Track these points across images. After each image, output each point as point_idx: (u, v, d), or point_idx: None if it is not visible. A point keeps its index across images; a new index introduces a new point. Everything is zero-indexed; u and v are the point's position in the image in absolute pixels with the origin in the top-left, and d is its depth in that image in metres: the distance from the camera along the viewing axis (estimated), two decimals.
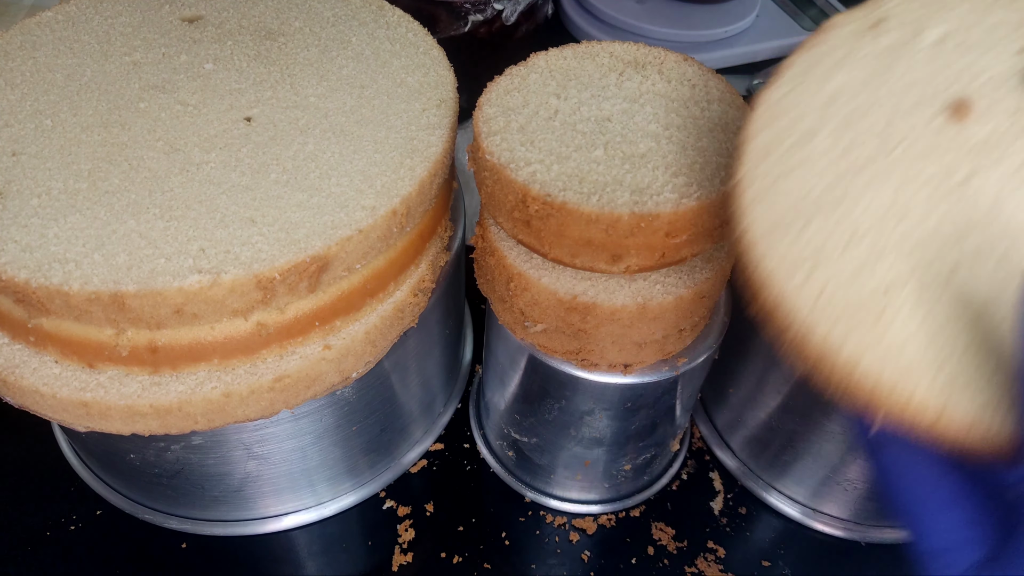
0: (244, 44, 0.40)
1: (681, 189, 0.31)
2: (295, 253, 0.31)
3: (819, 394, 0.41)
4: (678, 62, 0.37)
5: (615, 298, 0.34)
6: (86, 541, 0.44)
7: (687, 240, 0.32)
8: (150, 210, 0.32)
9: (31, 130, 0.35)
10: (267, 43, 0.40)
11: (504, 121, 0.34)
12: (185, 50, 0.39)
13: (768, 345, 0.43)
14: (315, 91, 0.38)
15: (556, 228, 0.32)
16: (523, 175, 0.32)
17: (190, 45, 0.40)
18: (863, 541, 0.47)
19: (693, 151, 0.33)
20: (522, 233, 0.33)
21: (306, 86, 0.38)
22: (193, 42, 0.40)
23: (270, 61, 0.39)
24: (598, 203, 0.31)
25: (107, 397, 0.32)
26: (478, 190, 0.35)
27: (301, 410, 0.38)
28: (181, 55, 0.39)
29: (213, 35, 0.40)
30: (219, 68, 0.38)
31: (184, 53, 0.39)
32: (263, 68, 0.39)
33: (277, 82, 0.38)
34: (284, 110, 0.37)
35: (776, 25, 0.84)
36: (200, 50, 0.39)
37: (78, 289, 0.29)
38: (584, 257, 0.32)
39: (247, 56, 0.39)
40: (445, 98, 0.39)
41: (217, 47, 0.40)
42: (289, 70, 0.39)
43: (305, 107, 0.37)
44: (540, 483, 0.48)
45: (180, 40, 0.40)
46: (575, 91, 0.36)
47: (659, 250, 0.32)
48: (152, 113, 0.36)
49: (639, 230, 0.31)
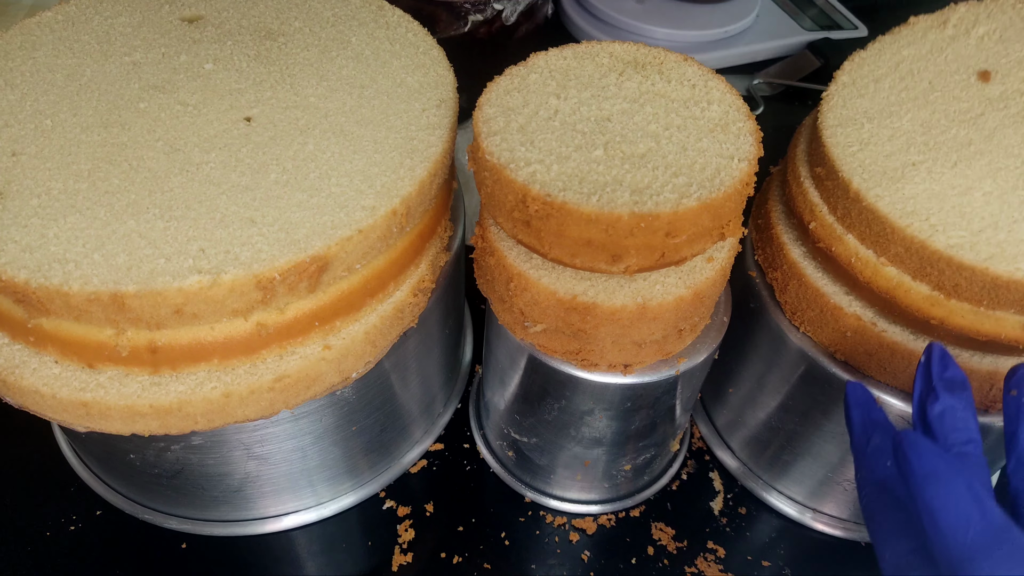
0: (244, 44, 0.40)
1: (681, 189, 0.31)
2: (295, 253, 0.31)
3: (818, 394, 0.41)
4: (678, 62, 0.37)
5: (615, 298, 0.34)
6: (86, 541, 0.44)
7: (687, 240, 0.32)
8: (150, 210, 0.32)
9: (31, 130, 0.34)
10: (267, 43, 0.40)
11: (504, 121, 0.34)
12: (185, 50, 0.39)
13: (768, 345, 0.43)
14: (315, 91, 0.38)
15: (556, 228, 0.32)
16: (523, 175, 0.32)
17: (190, 45, 0.40)
18: (863, 541, 0.47)
19: (693, 151, 0.33)
20: (522, 233, 0.33)
21: (306, 86, 0.38)
22: (193, 42, 0.40)
23: (270, 61, 0.39)
24: (598, 203, 0.31)
25: (107, 397, 0.32)
26: (478, 190, 0.35)
27: (301, 410, 0.38)
28: (181, 55, 0.39)
29: (213, 35, 0.40)
30: (219, 68, 0.38)
31: (184, 53, 0.39)
32: (263, 68, 0.39)
33: (277, 82, 0.38)
34: (284, 110, 0.37)
35: (776, 25, 0.84)
36: (200, 50, 0.39)
37: (78, 289, 0.29)
38: (584, 257, 0.32)
39: (247, 56, 0.39)
40: (445, 98, 0.39)
41: (217, 47, 0.40)
42: (289, 70, 0.39)
43: (305, 107, 0.37)
44: (540, 483, 0.48)
45: (180, 40, 0.40)
46: (575, 91, 0.35)
47: (659, 250, 0.32)
48: (152, 113, 0.36)
49: (639, 230, 0.31)
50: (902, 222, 0.34)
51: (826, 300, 0.39)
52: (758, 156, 0.33)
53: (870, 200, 0.34)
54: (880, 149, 0.37)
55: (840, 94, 0.39)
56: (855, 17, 0.85)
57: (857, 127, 0.37)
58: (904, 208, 0.34)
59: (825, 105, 0.39)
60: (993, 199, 0.34)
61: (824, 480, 0.45)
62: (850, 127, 0.38)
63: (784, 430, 0.45)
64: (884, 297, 0.36)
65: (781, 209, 0.43)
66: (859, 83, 0.39)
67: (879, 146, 0.37)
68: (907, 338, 0.37)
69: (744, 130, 0.34)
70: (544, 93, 0.35)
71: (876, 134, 0.37)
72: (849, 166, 0.36)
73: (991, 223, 0.33)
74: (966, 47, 0.39)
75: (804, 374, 0.42)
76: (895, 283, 0.35)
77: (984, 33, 0.39)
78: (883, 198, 0.34)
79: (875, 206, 0.34)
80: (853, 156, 0.36)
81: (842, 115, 0.38)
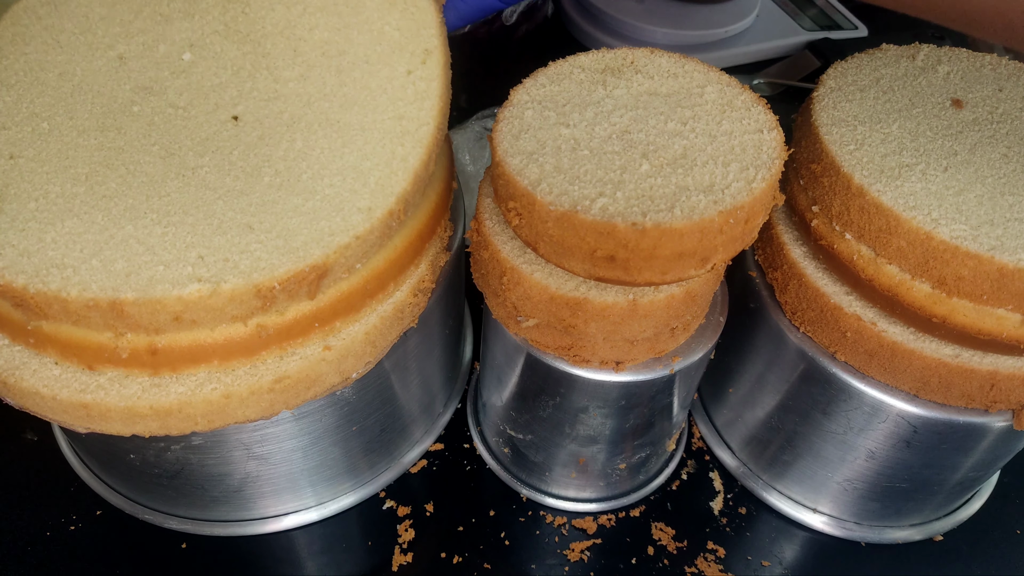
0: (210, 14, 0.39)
1: (743, 175, 0.32)
2: (294, 262, 0.30)
3: (818, 394, 0.41)
4: (648, 56, 0.37)
5: (605, 295, 0.34)
6: (86, 541, 0.44)
7: (759, 222, 0.33)
8: (147, 215, 0.32)
9: (28, 133, 0.34)
10: (232, 7, 0.39)
11: (538, 168, 0.32)
12: (161, 36, 0.38)
13: (768, 345, 0.43)
14: (293, 73, 0.37)
15: (647, 252, 0.31)
16: (596, 213, 0.30)
17: (164, 27, 0.38)
18: (863, 541, 0.47)
19: (723, 136, 0.33)
20: (604, 270, 0.32)
21: (283, 68, 0.37)
22: (165, 20, 0.38)
23: (241, 37, 0.38)
24: (684, 215, 0.30)
25: (107, 399, 0.32)
26: (533, 247, 0.34)
27: (301, 410, 0.38)
28: (159, 44, 0.38)
29: (181, 7, 0.39)
30: (196, 57, 0.37)
31: (161, 41, 0.38)
32: (236, 49, 0.38)
33: (254, 67, 0.37)
34: (267, 103, 0.36)
35: (776, 25, 0.84)
36: (174, 33, 0.38)
37: (76, 296, 0.29)
38: (675, 270, 0.32)
39: (217, 33, 0.38)
40: (431, 48, 0.37)
41: (187, 25, 0.38)
42: (262, 47, 0.38)
43: (287, 96, 0.36)
44: (536, 480, 0.48)
45: (154, 21, 0.38)
46: (576, 115, 0.35)
47: (740, 240, 0.32)
48: (145, 116, 0.36)
49: (728, 227, 0.31)
50: (907, 214, 0.34)
51: (826, 300, 0.39)
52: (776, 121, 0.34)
53: (873, 195, 0.35)
54: (876, 150, 0.37)
55: (829, 96, 0.40)
56: (855, 17, 0.85)
57: (851, 128, 0.38)
58: (906, 203, 0.35)
59: (817, 105, 0.39)
60: (985, 201, 0.35)
61: (824, 480, 0.45)
62: (844, 127, 0.38)
63: (784, 430, 0.45)
64: (886, 295, 0.36)
65: (781, 208, 0.43)
66: (845, 89, 0.41)
67: (874, 147, 0.37)
68: (908, 338, 0.37)
69: (748, 101, 0.35)
70: (551, 127, 0.34)
71: (870, 136, 0.38)
72: (849, 163, 0.36)
73: (987, 220, 0.34)
74: (935, 78, 0.42)
75: (804, 374, 0.42)
76: (897, 280, 0.36)
77: (948, 71, 0.42)
78: (885, 192, 0.35)
79: (879, 200, 0.35)
80: (851, 154, 0.37)
81: (835, 116, 0.39)
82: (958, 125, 0.39)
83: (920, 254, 0.34)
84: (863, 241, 0.37)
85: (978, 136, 0.38)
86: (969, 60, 0.43)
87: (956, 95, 0.41)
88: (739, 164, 0.32)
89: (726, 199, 0.31)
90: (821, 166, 0.37)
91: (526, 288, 0.35)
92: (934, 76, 0.42)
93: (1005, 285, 0.33)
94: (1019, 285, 0.33)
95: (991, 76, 0.42)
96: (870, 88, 0.41)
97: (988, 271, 0.33)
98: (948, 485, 0.44)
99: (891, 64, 0.42)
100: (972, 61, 0.43)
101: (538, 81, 0.37)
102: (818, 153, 0.38)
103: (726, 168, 0.32)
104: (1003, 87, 0.41)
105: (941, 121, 0.39)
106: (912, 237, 0.34)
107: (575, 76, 0.37)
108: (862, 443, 0.41)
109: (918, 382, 0.38)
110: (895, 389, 0.39)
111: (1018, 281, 0.33)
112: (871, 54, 0.43)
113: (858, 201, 0.36)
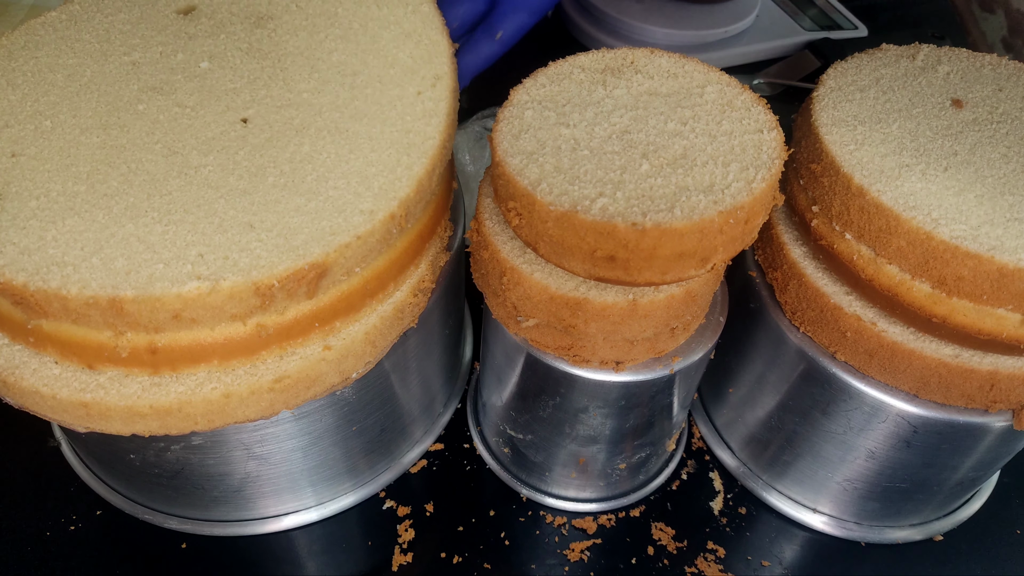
0: (236, 36, 0.40)
1: (743, 175, 0.32)
2: (293, 260, 0.31)
3: (818, 394, 0.41)
4: (648, 56, 0.37)
5: (605, 295, 0.34)
6: (86, 541, 0.44)
7: (759, 222, 0.33)
8: (148, 213, 0.32)
9: (31, 131, 0.34)
10: (258, 32, 0.40)
11: (537, 168, 0.33)
12: (181, 48, 0.39)
13: (768, 345, 0.43)
14: (308, 85, 0.38)
15: (647, 253, 0.31)
16: (596, 213, 0.30)
17: (186, 42, 0.40)
18: (863, 541, 0.47)
19: (723, 136, 0.33)
20: (604, 270, 0.32)
21: (299, 80, 0.38)
22: (188, 38, 0.40)
23: (262, 55, 0.39)
24: (684, 215, 0.30)
25: (107, 398, 0.32)
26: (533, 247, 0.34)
27: (301, 410, 0.38)
28: (178, 53, 0.39)
29: (207, 28, 0.40)
30: (215, 66, 0.38)
31: (181, 51, 0.39)
32: (256, 64, 0.39)
33: (271, 78, 0.38)
34: (279, 109, 0.37)
35: (776, 25, 0.84)
36: (195, 47, 0.39)
37: (76, 293, 0.29)
38: (675, 271, 0.32)
39: (240, 50, 0.39)
40: (440, 74, 0.37)
41: (211, 42, 0.39)
42: (281, 63, 0.39)
43: (299, 105, 0.37)
44: (536, 480, 0.48)
45: (176, 36, 0.40)
46: (577, 115, 0.35)
47: (740, 239, 0.32)
48: (150, 115, 0.36)
49: (728, 227, 0.31)
50: (907, 214, 0.34)
51: (826, 300, 0.39)
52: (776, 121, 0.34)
53: (873, 195, 0.35)
54: (875, 150, 0.37)
55: (829, 97, 0.40)
56: (855, 17, 0.85)
57: (850, 128, 0.38)
58: (906, 203, 0.35)
59: (817, 105, 0.40)
60: (985, 201, 0.35)
61: (824, 480, 0.45)
62: (844, 127, 0.38)
63: (784, 430, 0.45)
64: (886, 295, 0.36)
65: (781, 208, 0.43)
66: (845, 90, 0.41)
67: (873, 147, 0.37)
68: (908, 338, 0.37)
69: (748, 101, 0.35)
70: (551, 127, 0.34)
71: (869, 136, 0.38)
72: (849, 163, 0.36)
73: (987, 220, 0.34)
74: (935, 78, 0.42)
75: (804, 374, 0.42)
76: (897, 280, 0.36)
77: (948, 71, 0.42)
78: (885, 193, 0.35)
79: (879, 200, 0.35)
80: (851, 154, 0.37)
81: (834, 116, 0.39)
82: (958, 125, 0.39)
83: (920, 254, 0.34)
84: (863, 241, 0.37)
85: (978, 136, 0.38)
86: (969, 60, 0.43)
87: (956, 95, 0.41)
88: (739, 164, 0.32)
89: (726, 199, 0.31)
90: (821, 166, 0.37)
91: (526, 288, 0.35)
92: (934, 76, 0.42)
93: (1005, 285, 0.33)
94: (1019, 285, 0.33)
95: (991, 76, 0.42)
96: (870, 88, 0.41)
97: (988, 271, 0.33)
98: (948, 485, 0.44)
99: (891, 64, 0.43)
100: (972, 61, 0.43)
101: (538, 81, 0.37)
102: (818, 153, 0.38)
103: (726, 168, 0.32)
104: (1003, 87, 0.41)
105: (941, 121, 0.39)
106: (912, 237, 0.34)
107: (575, 76, 0.37)
108: (862, 443, 0.41)
109: (918, 382, 0.38)
110: (895, 389, 0.39)
111: (1018, 281, 0.33)
112: (871, 54, 0.43)
113: (858, 201, 0.36)
